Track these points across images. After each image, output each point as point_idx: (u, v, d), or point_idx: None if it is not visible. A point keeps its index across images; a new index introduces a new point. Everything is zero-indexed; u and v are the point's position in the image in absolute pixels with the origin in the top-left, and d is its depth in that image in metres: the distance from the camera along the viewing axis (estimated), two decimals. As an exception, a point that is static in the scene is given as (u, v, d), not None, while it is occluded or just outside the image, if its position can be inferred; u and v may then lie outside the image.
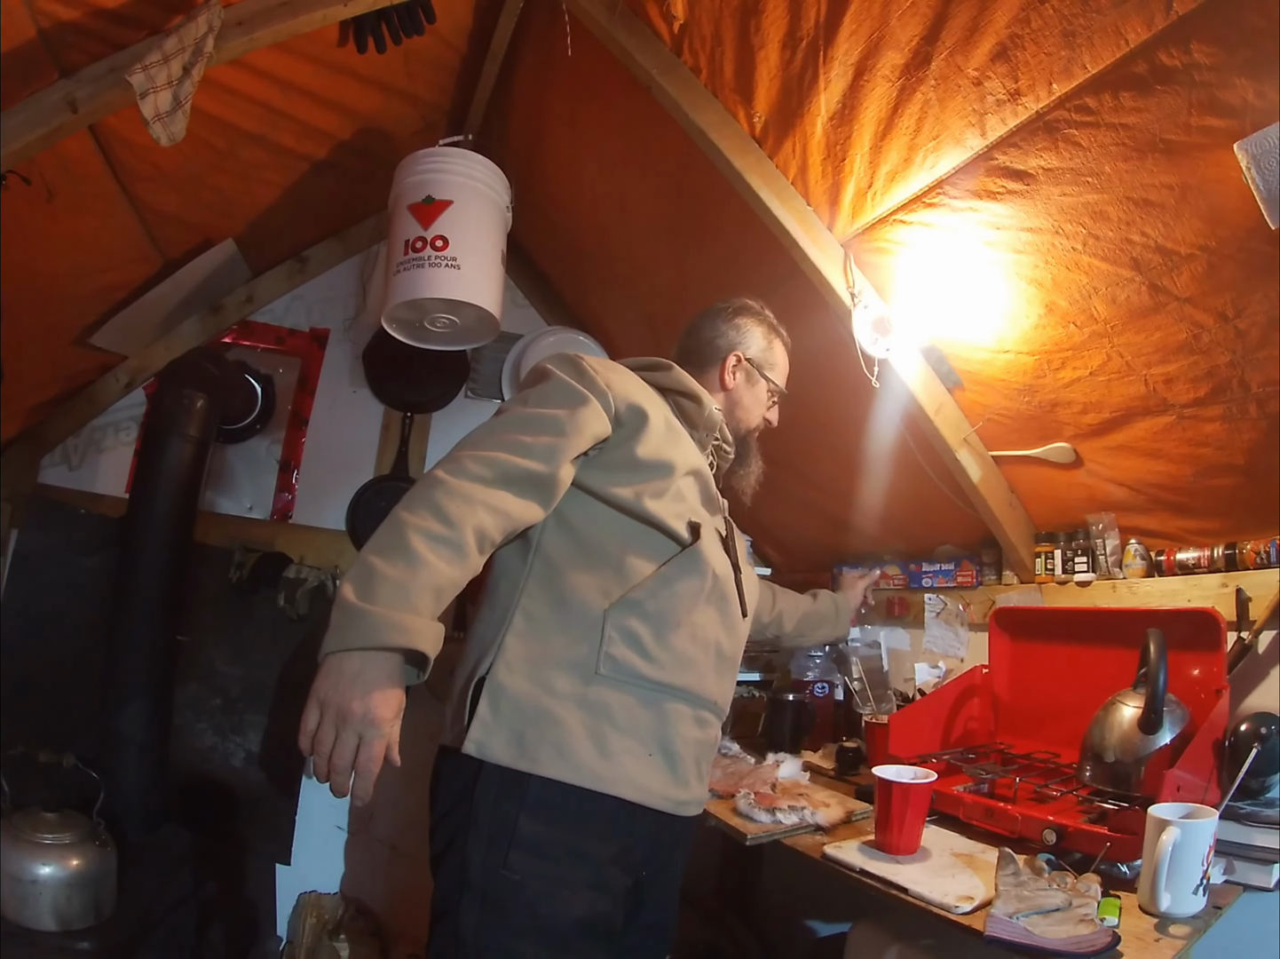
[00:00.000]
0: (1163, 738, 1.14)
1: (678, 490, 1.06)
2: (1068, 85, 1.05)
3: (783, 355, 1.37)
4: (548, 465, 0.95)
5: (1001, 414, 1.57)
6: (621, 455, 1.04)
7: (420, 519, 0.86)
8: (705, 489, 1.14)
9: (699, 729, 1.05)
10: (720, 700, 1.09)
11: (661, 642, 1.00)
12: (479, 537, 0.89)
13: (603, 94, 1.73)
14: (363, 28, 1.56)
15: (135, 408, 2.20)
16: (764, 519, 2.37)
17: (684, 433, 1.14)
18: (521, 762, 0.91)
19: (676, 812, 1.02)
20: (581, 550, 1.02)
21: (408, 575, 0.82)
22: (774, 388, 1.34)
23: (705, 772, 1.09)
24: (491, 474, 0.92)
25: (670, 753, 1.00)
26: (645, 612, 1.00)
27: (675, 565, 1.02)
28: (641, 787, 0.97)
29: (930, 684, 1.73)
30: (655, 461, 1.04)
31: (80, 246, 1.66)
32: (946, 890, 1.01)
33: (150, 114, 1.16)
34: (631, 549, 1.02)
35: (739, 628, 1.14)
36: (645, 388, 1.13)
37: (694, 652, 1.03)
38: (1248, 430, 1.23)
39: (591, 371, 1.04)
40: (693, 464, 1.11)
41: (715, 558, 1.07)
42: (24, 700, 1.85)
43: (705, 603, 1.05)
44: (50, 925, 1.45)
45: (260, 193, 1.95)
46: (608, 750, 0.94)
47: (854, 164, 1.37)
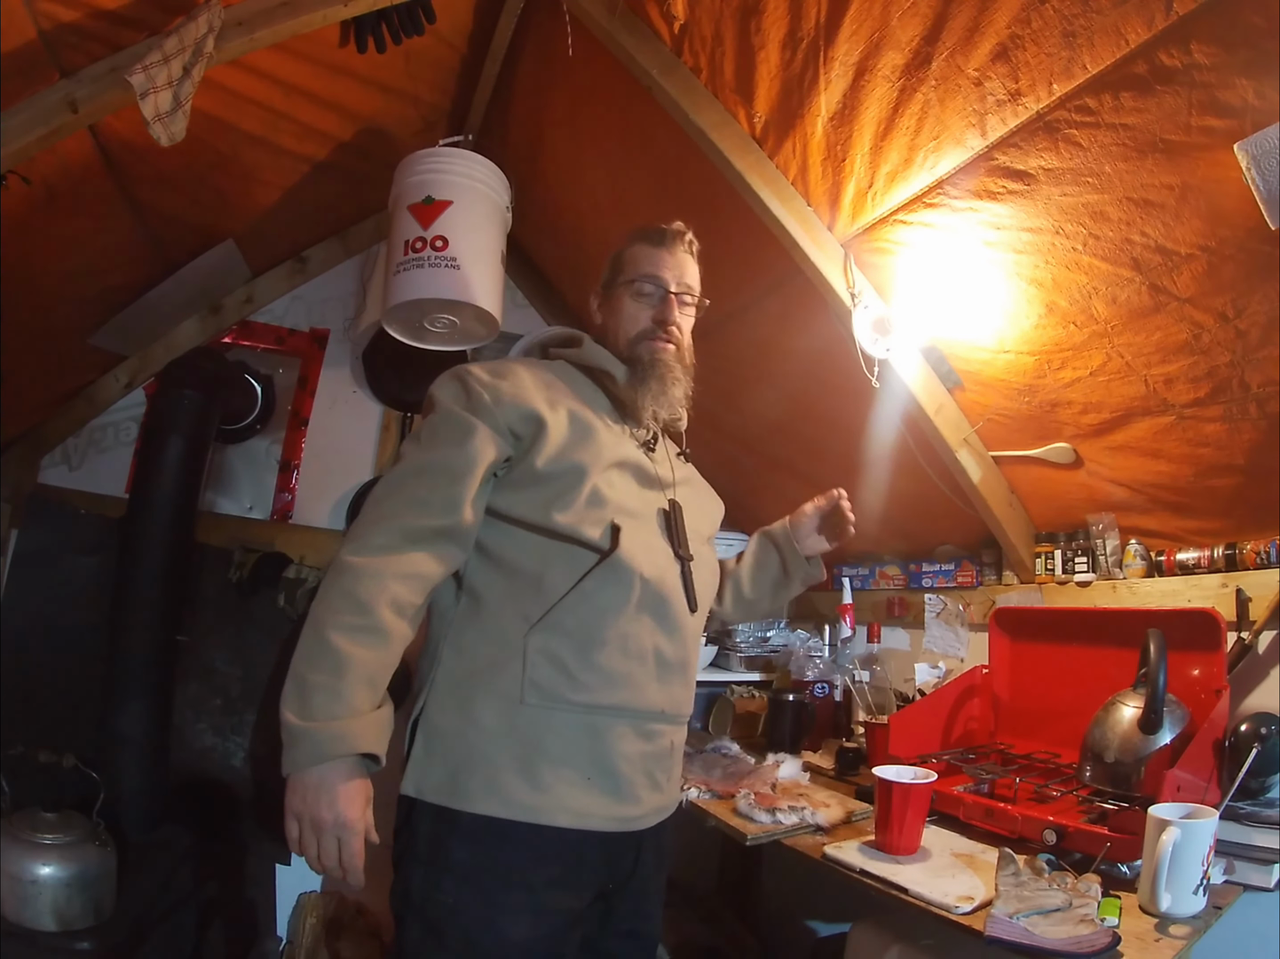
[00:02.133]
0: (1163, 738, 1.14)
1: (595, 492, 0.99)
2: (1068, 85, 1.05)
3: (637, 251, 1.17)
4: (449, 517, 0.94)
5: (1002, 414, 1.57)
6: (523, 471, 0.99)
7: (334, 614, 0.87)
8: (641, 474, 1.07)
9: (645, 742, 1.00)
10: (670, 707, 1.03)
11: (586, 661, 0.95)
12: (397, 610, 0.89)
13: (603, 94, 1.73)
14: (363, 28, 1.56)
15: (135, 408, 2.20)
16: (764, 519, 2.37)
17: (601, 421, 1.06)
18: (454, 800, 0.91)
19: (626, 829, 0.99)
20: (503, 576, 0.99)
21: (335, 679, 0.84)
22: (627, 281, 1.15)
23: (666, 779, 1.05)
24: (395, 540, 0.91)
25: (611, 773, 0.96)
26: (566, 631, 0.95)
27: (594, 578, 0.96)
28: (580, 812, 0.94)
29: (930, 684, 1.73)
30: (559, 469, 0.99)
31: (80, 247, 1.66)
32: (946, 891, 1.01)
33: (150, 114, 1.16)
34: (550, 566, 0.97)
35: (685, 627, 1.05)
36: (548, 383, 1.06)
37: (626, 665, 0.97)
38: (1248, 430, 1.23)
39: (479, 389, 0.99)
40: (616, 455, 1.04)
41: (645, 559, 1.00)
42: (24, 700, 1.85)
43: (635, 611, 0.99)
44: (50, 925, 1.45)
45: (260, 193, 1.95)
46: (540, 783, 0.92)
47: (854, 164, 1.37)
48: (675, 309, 1.15)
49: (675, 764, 1.08)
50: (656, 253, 1.16)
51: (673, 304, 1.15)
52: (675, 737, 1.07)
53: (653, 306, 1.15)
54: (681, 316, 1.17)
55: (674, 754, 1.07)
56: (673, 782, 1.07)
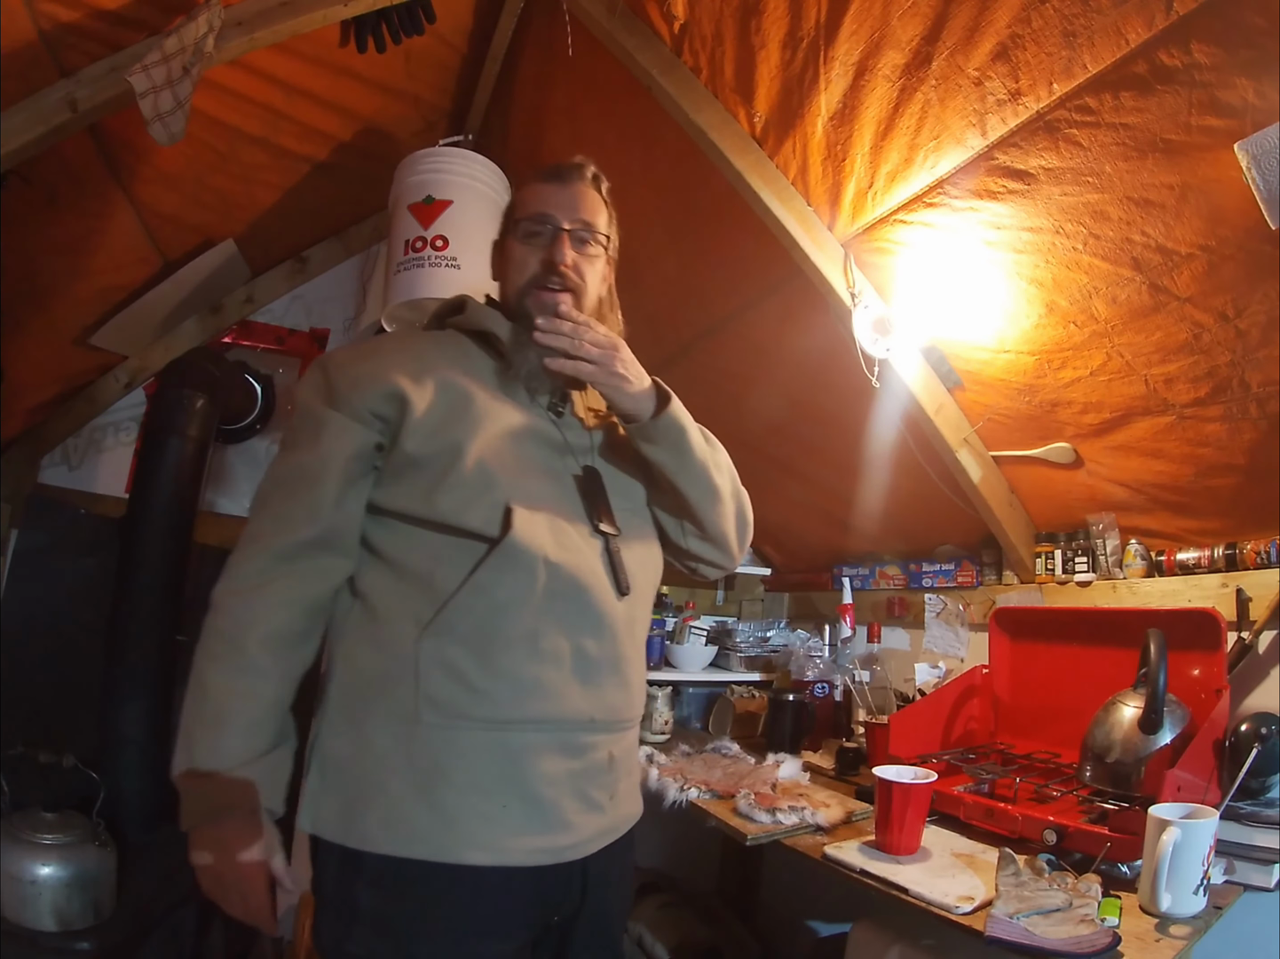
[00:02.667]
0: (1163, 738, 1.14)
1: (480, 470, 0.86)
2: (1068, 85, 1.05)
3: (527, 192, 1.03)
4: (315, 526, 0.85)
5: (1002, 414, 1.56)
6: (396, 457, 0.88)
7: (211, 656, 0.82)
8: (542, 441, 0.94)
9: (572, 759, 0.86)
10: (603, 714, 0.89)
11: (488, 668, 0.82)
12: (275, 644, 0.82)
13: (603, 94, 1.73)
14: (363, 28, 1.56)
15: (135, 408, 2.20)
16: (764, 519, 2.37)
17: (482, 388, 0.92)
18: (351, 837, 0.80)
19: (559, 859, 0.84)
20: (393, 576, 0.87)
21: (215, 729, 0.80)
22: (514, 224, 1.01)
23: (608, 796, 0.90)
24: (265, 564, 0.84)
25: (532, 799, 0.82)
26: (461, 635, 0.82)
27: (488, 569, 0.83)
28: (497, 847, 0.80)
29: (930, 684, 1.73)
30: (433, 450, 0.86)
31: (80, 247, 1.66)
32: (947, 891, 1.01)
33: (150, 114, 1.16)
34: (440, 562, 0.85)
35: (613, 617, 0.90)
36: (419, 355, 0.93)
37: (538, 669, 0.84)
38: (1248, 430, 1.23)
39: (337, 375, 0.90)
40: (505, 424, 0.90)
41: (549, 541, 0.86)
42: (24, 700, 1.85)
43: (543, 603, 0.85)
44: (50, 925, 1.45)
45: (260, 193, 1.95)
46: (446, 815, 0.79)
47: (854, 164, 1.37)
48: (568, 247, 0.97)
49: (621, 777, 0.93)
50: (547, 188, 1.00)
51: (564, 242, 0.96)
52: (615, 746, 0.91)
53: (543, 248, 0.97)
54: (582, 259, 0.98)
55: (616, 767, 0.92)
56: (619, 798, 0.93)
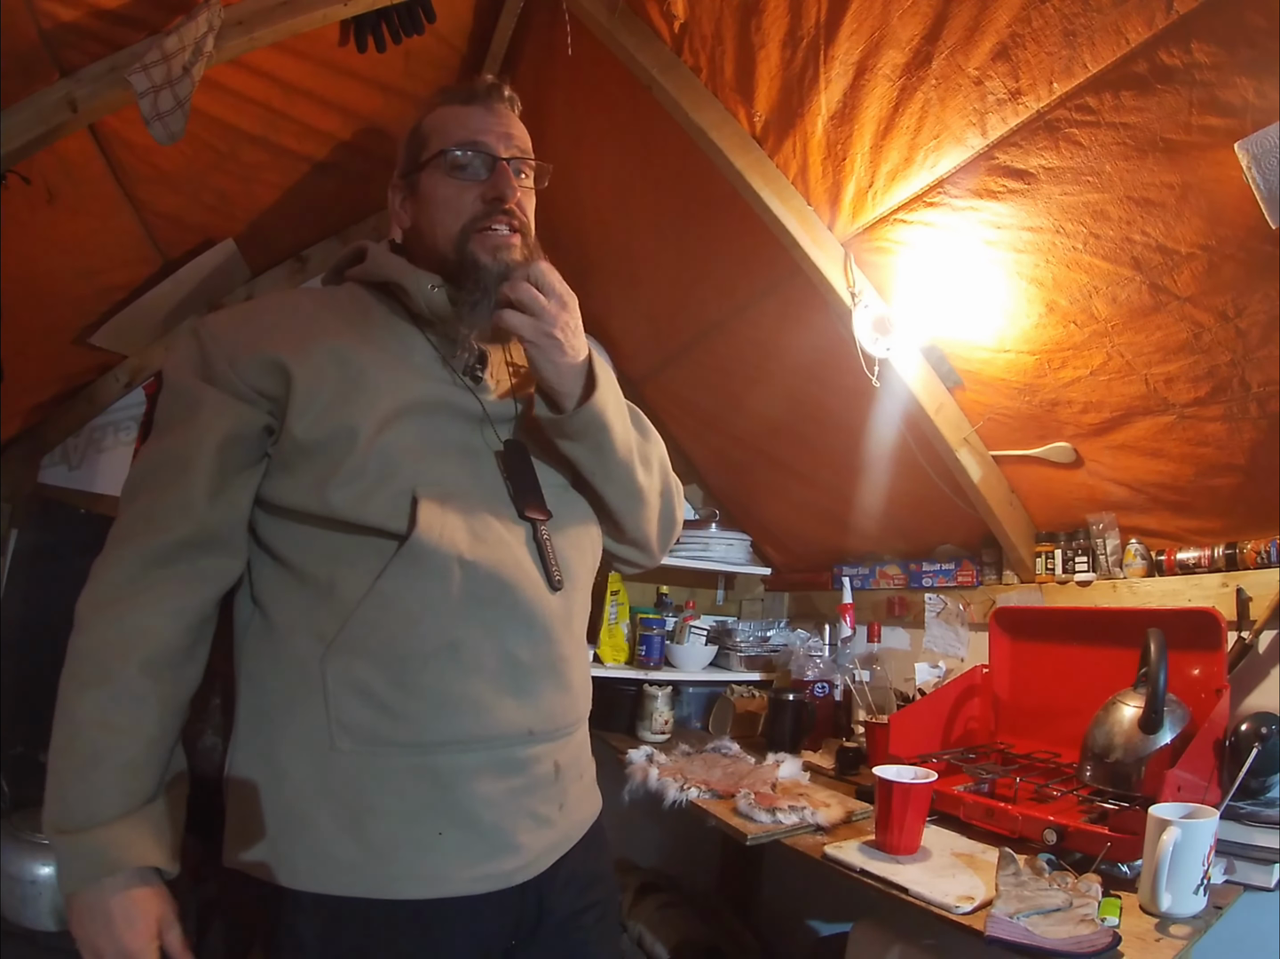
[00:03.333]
0: (1163, 738, 1.14)
1: (381, 455, 0.74)
2: (1068, 84, 1.05)
3: (443, 115, 0.90)
4: (188, 523, 0.73)
5: (1002, 414, 1.56)
6: (286, 444, 0.75)
7: (77, 685, 0.70)
8: (455, 414, 0.81)
9: (513, 776, 0.77)
10: (541, 723, 0.79)
11: (405, 686, 0.72)
12: (154, 664, 0.71)
13: (603, 93, 1.73)
14: (363, 27, 1.56)
15: (135, 408, 2.20)
16: (764, 519, 2.37)
17: (381, 355, 0.80)
18: (280, 875, 0.71)
19: (509, 884, 0.76)
20: (293, 583, 0.76)
21: (89, 771, 0.68)
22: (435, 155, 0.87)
23: (557, 808, 0.82)
24: (134, 570, 0.72)
25: (470, 823, 0.74)
26: (370, 652, 0.72)
27: (392, 574, 0.73)
28: (436, 877, 0.72)
29: (930, 684, 1.73)
30: (322, 435, 0.74)
31: (80, 247, 1.65)
32: (947, 890, 1.01)
33: (150, 113, 1.16)
34: (340, 566, 0.74)
35: (545, 614, 0.79)
36: (309, 318, 0.81)
37: (462, 683, 0.74)
38: (1248, 430, 1.23)
39: (211, 345, 0.77)
40: (407, 398, 0.78)
41: (463, 535, 0.75)
42: (24, 700, 1.85)
43: (462, 607, 0.74)
44: (50, 925, 1.46)
45: (260, 193, 1.95)
46: (377, 847, 0.71)
47: (854, 163, 1.37)
48: (513, 180, 0.84)
49: (570, 784, 0.84)
50: (470, 111, 0.87)
51: (508, 174, 0.84)
52: (560, 754, 0.83)
53: (479, 182, 0.84)
54: (522, 193, 0.87)
55: (563, 776, 0.83)
56: (569, 806, 0.84)
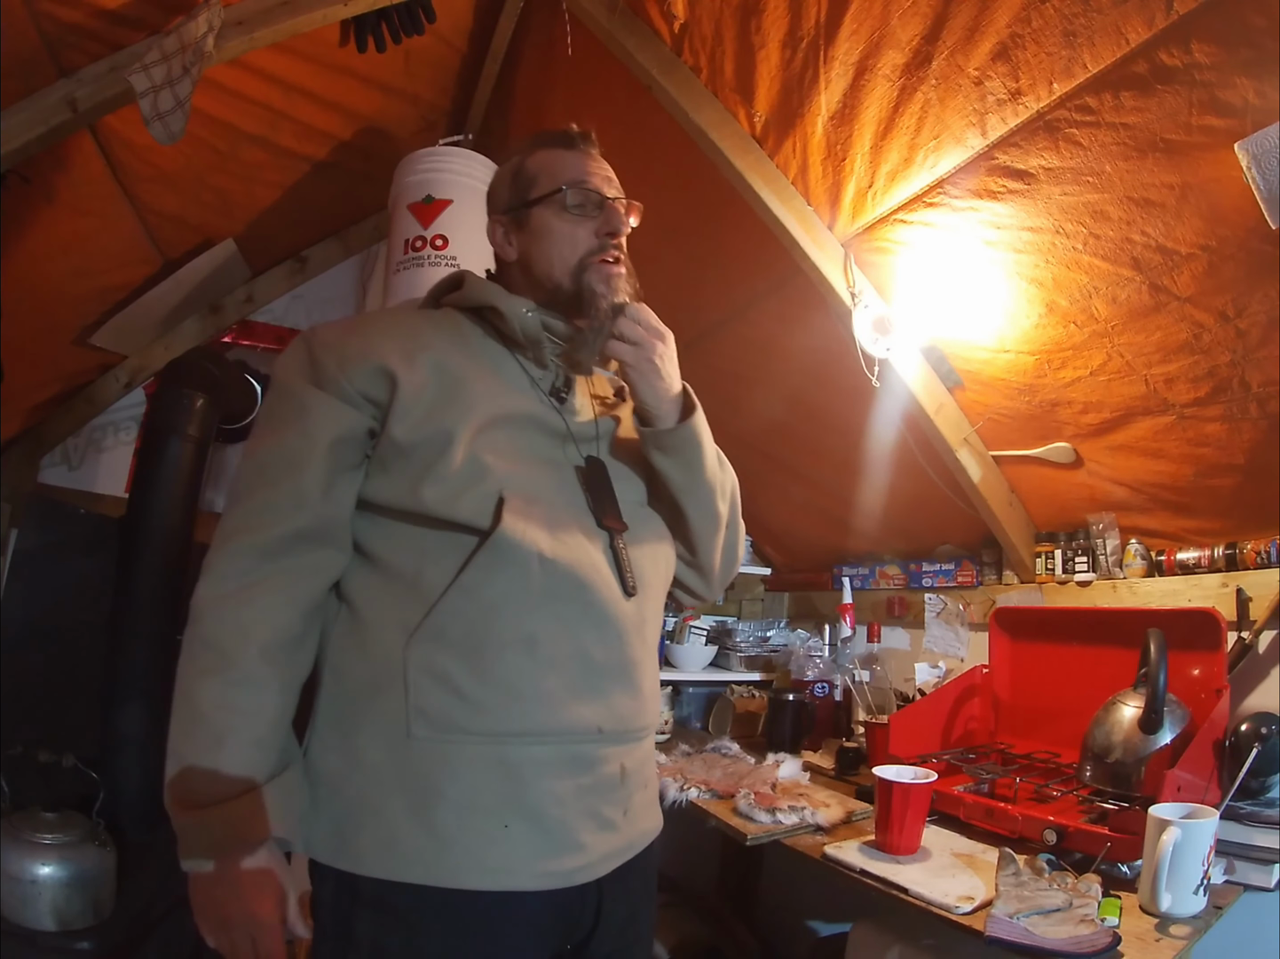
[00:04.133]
0: (1163, 738, 1.14)
1: (472, 459, 0.79)
2: (1068, 85, 1.05)
3: (547, 158, 0.95)
4: (302, 515, 0.78)
5: (1002, 414, 1.56)
6: (386, 445, 0.81)
7: (199, 671, 0.74)
8: (541, 428, 0.87)
9: (581, 773, 0.79)
10: (611, 723, 0.81)
11: (481, 675, 0.76)
12: (271, 650, 0.75)
13: (603, 94, 1.73)
14: (363, 27, 1.56)
15: (135, 408, 2.20)
16: (764, 519, 2.37)
17: (478, 369, 0.86)
18: (343, 859, 0.74)
19: (569, 883, 0.77)
20: (379, 577, 0.81)
21: (213, 752, 0.71)
22: (548, 194, 0.92)
23: (621, 813, 0.83)
24: (249, 563, 0.76)
25: (536, 817, 0.76)
26: (451, 639, 0.76)
27: (476, 566, 0.77)
28: (499, 869, 0.74)
29: (930, 684, 1.73)
30: (421, 438, 0.80)
31: (80, 247, 1.66)
32: (947, 890, 1.01)
33: (150, 113, 1.16)
34: (427, 560, 0.79)
35: (619, 618, 0.83)
36: (412, 333, 0.87)
37: (537, 676, 0.77)
38: (1248, 430, 1.23)
39: (322, 353, 0.82)
40: (500, 409, 0.83)
41: (544, 535, 0.79)
42: (24, 700, 1.85)
43: (540, 603, 0.79)
44: (50, 925, 1.45)
45: (260, 193, 1.95)
46: (443, 836, 0.73)
47: (854, 164, 1.37)
48: (623, 216, 0.93)
49: (635, 790, 0.86)
50: (575, 155, 0.95)
51: (619, 211, 0.92)
52: (628, 758, 0.85)
53: (592, 219, 0.92)
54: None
55: (629, 780, 0.85)
56: (634, 813, 0.85)
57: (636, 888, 0.87)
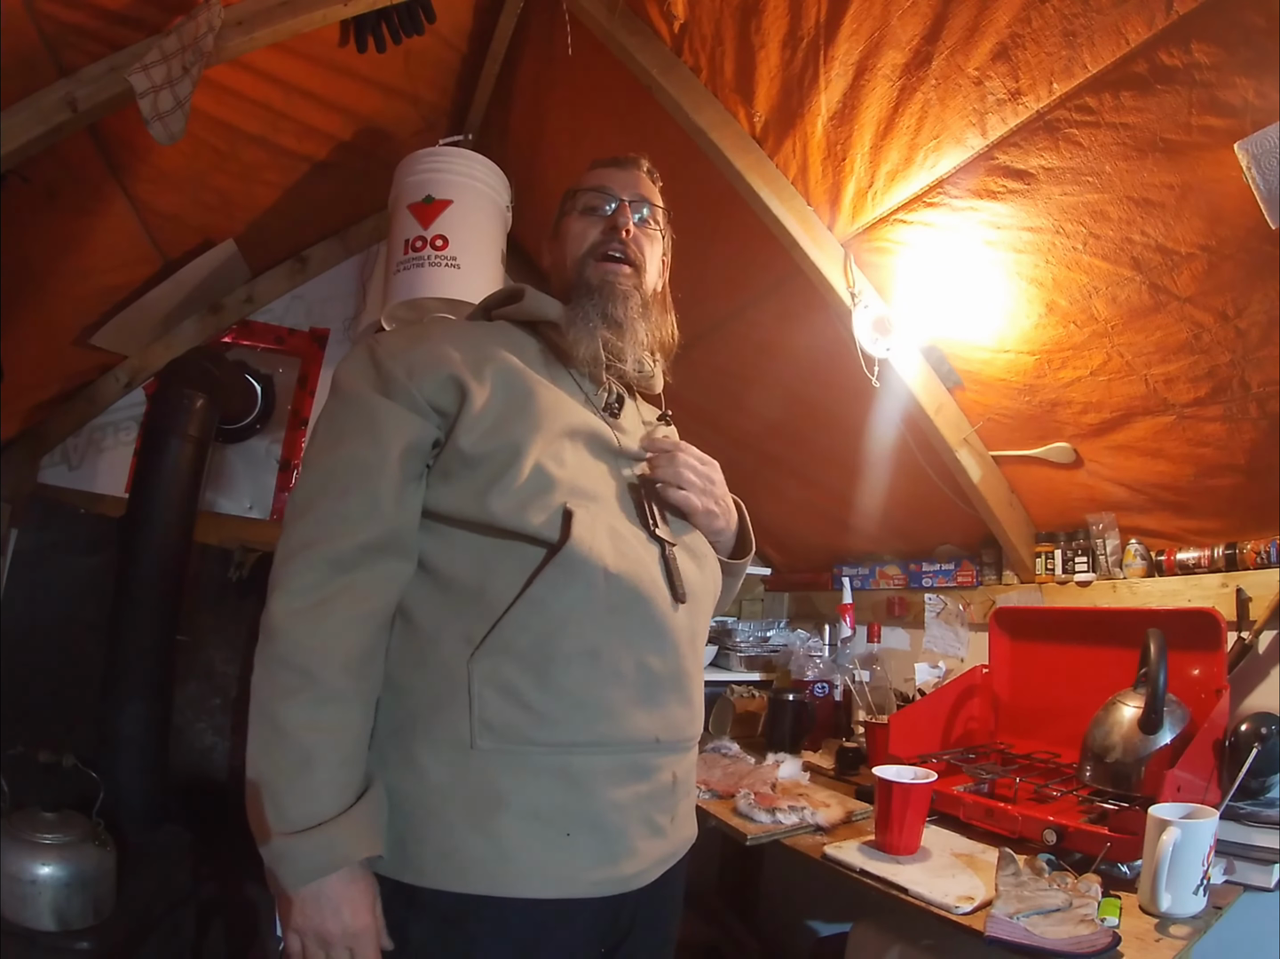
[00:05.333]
0: (1163, 738, 1.14)
1: (539, 471, 0.80)
2: (1068, 85, 1.05)
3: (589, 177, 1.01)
4: (376, 525, 0.78)
5: (1002, 414, 1.56)
6: (450, 455, 0.81)
7: (280, 692, 0.73)
8: (599, 444, 0.89)
9: (639, 782, 0.81)
10: (667, 734, 0.83)
11: (548, 687, 0.76)
12: (353, 665, 0.74)
13: (603, 94, 1.73)
14: (363, 27, 1.56)
15: (135, 408, 2.20)
16: (764, 519, 2.37)
17: (544, 383, 0.87)
18: (406, 873, 0.75)
19: (623, 889, 0.79)
20: (439, 590, 0.81)
21: (305, 774, 0.71)
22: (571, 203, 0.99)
23: (669, 820, 0.85)
24: (322, 576, 0.75)
25: (598, 826, 0.77)
26: (517, 652, 0.76)
27: (545, 580, 0.77)
28: (561, 877, 0.75)
29: (930, 684, 1.73)
30: (490, 448, 0.80)
31: (80, 247, 1.65)
32: (947, 890, 1.01)
33: (150, 113, 1.16)
34: (492, 572, 0.79)
35: (674, 629, 0.84)
36: (475, 344, 0.88)
37: (601, 687, 0.78)
38: (1248, 430, 1.23)
39: (389, 362, 0.83)
40: (565, 424, 0.85)
41: (609, 549, 0.80)
42: (24, 700, 1.85)
43: (604, 615, 0.79)
44: (50, 925, 1.45)
45: (260, 193, 1.95)
46: (504, 846, 0.74)
47: (854, 164, 1.37)
48: (629, 215, 0.94)
49: (681, 798, 0.88)
50: (605, 170, 1.00)
51: (625, 209, 0.94)
52: (678, 767, 0.86)
53: (604, 218, 0.95)
54: (642, 234, 0.96)
55: (678, 788, 0.87)
56: (679, 820, 0.88)
57: (671, 894, 0.89)
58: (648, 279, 0.97)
